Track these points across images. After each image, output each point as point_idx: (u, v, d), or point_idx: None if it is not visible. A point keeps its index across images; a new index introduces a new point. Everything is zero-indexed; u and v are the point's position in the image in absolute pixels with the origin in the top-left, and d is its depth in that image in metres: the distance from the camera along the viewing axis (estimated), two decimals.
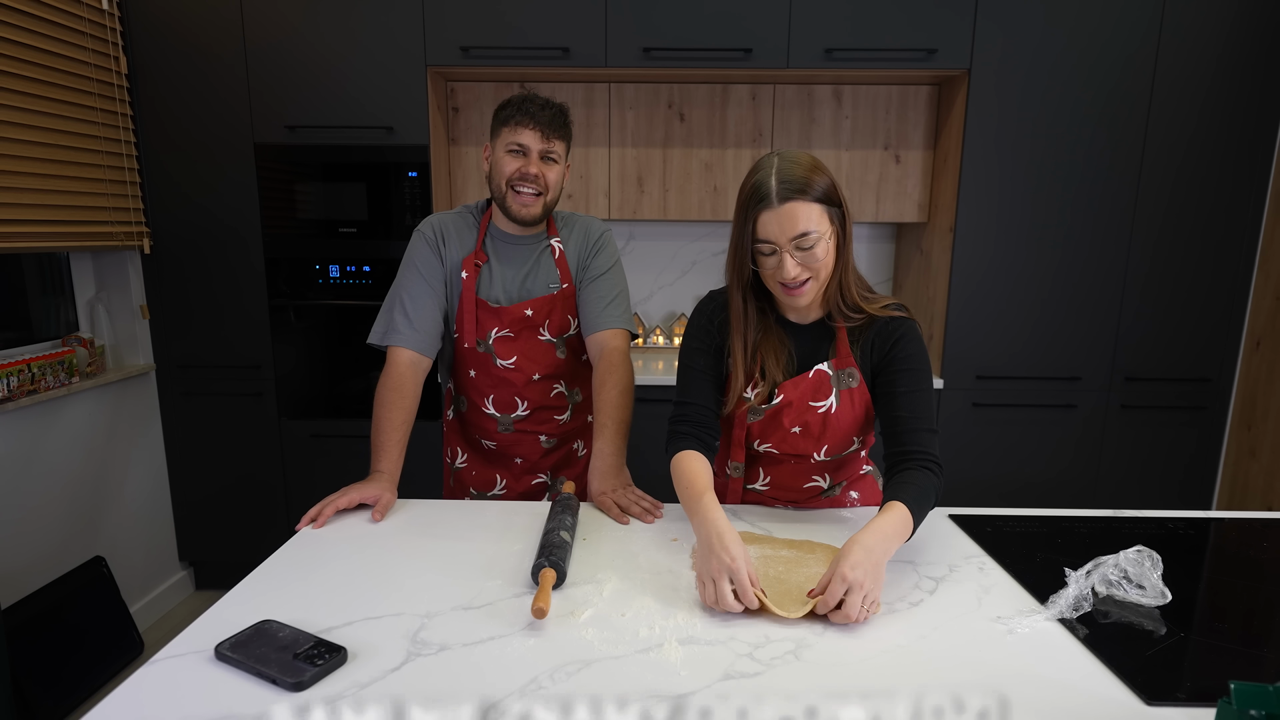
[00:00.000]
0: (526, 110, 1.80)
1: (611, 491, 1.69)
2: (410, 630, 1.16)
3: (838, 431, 1.57)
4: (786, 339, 1.59)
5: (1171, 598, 1.26)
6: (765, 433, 1.61)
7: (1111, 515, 1.69)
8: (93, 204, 2.89)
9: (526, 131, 1.80)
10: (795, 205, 1.40)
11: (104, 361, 3.08)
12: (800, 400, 1.56)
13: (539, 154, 1.82)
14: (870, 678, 1.06)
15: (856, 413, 1.57)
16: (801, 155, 1.45)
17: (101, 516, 3.04)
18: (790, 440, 1.60)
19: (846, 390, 1.55)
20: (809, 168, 1.43)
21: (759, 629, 1.17)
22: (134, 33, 3.02)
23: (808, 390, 1.55)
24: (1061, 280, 3.15)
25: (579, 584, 1.32)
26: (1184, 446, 3.28)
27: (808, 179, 1.41)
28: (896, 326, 1.54)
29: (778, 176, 1.41)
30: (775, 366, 1.57)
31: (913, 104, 3.31)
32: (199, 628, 1.17)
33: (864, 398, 1.56)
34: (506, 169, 1.82)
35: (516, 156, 1.82)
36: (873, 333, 1.55)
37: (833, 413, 1.55)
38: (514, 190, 1.83)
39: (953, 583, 1.35)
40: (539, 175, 1.82)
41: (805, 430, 1.57)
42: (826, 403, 1.55)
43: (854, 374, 1.55)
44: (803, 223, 1.41)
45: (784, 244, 1.42)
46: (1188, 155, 3.05)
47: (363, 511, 1.64)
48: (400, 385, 1.82)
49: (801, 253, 1.42)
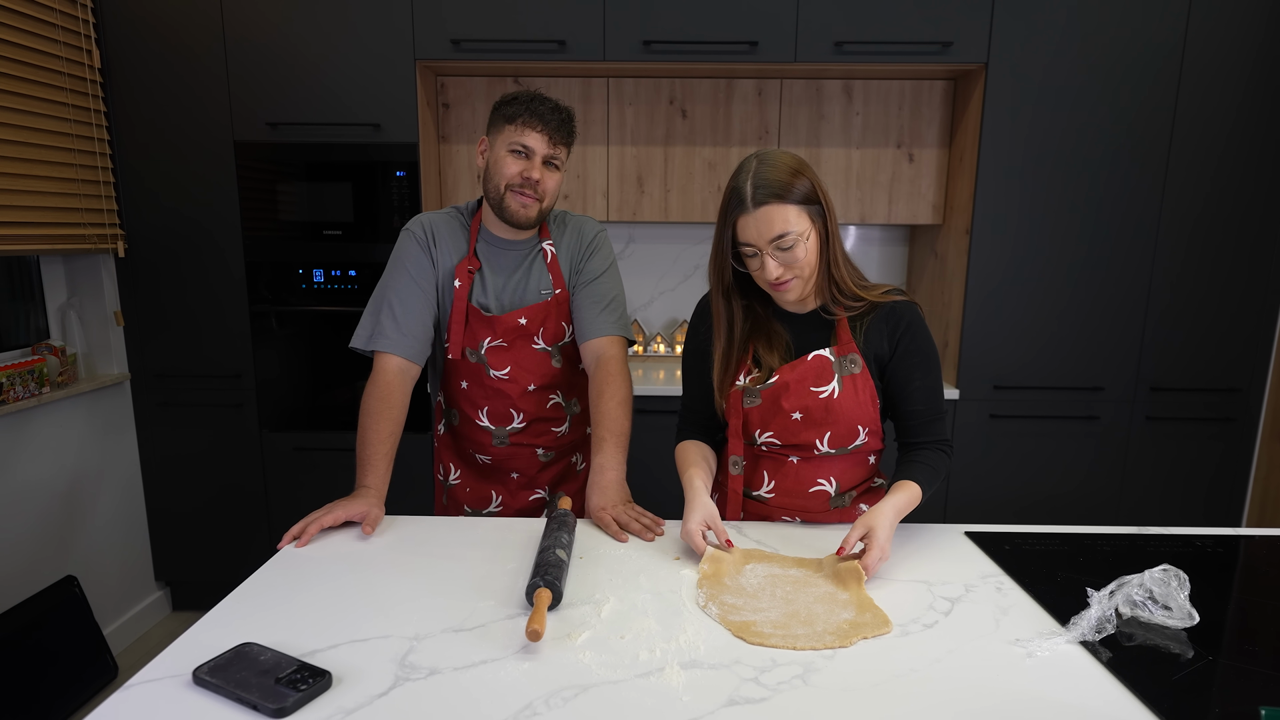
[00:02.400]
0: (536, 111, 1.79)
1: (611, 507, 1.69)
2: (398, 653, 1.16)
3: (841, 418, 1.63)
4: (783, 330, 1.68)
5: (1199, 619, 1.26)
6: (765, 420, 1.67)
7: (1136, 532, 1.69)
8: (64, 204, 2.89)
9: (533, 134, 1.79)
10: (771, 209, 1.50)
11: (76, 370, 3.08)
12: (799, 384, 1.62)
13: (543, 158, 1.82)
14: (882, 704, 1.06)
15: (861, 399, 1.62)
16: (780, 157, 1.54)
17: (73, 534, 3.04)
18: (791, 428, 1.65)
19: (849, 376, 1.62)
20: (786, 170, 1.51)
21: (765, 653, 1.17)
22: (107, 24, 3.03)
23: (808, 374, 1.62)
24: (1083, 285, 3.15)
25: (576, 605, 1.32)
26: (1212, 460, 3.28)
27: (783, 182, 1.50)
28: (901, 313, 1.63)
29: (753, 180, 1.51)
30: (770, 353, 1.67)
31: (927, 100, 3.33)
32: (176, 651, 1.16)
33: (868, 384, 1.63)
34: (508, 170, 1.82)
35: (519, 158, 1.81)
36: (876, 318, 1.64)
37: (835, 398, 1.62)
38: (513, 191, 1.83)
39: (969, 603, 1.35)
40: (540, 181, 1.82)
41: (807, 416, 1.63)
42: (828, 388, 1.61)
43: (856, 360, 1.62)
44: (779, 225, 1.50)
45: (763, 246, 1.52)
46: (1218, 153, 3.06)
47: (348, 529, 1.64)
48: (387, 394, 1.82)
49: (782, 253, 1.52)
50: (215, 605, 1.32)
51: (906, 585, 1.41)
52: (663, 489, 2.05)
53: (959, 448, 3.23)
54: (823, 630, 1.23)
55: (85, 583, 3.00)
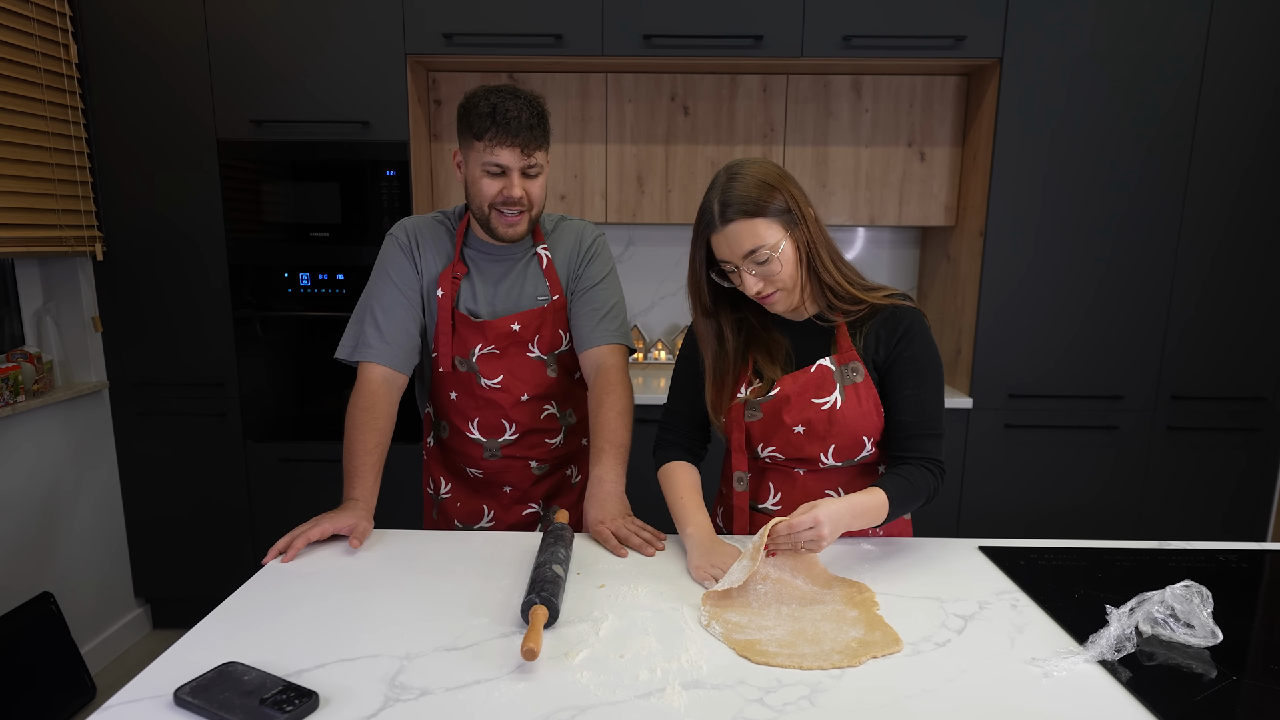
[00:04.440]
0: (501, 124, 1.71)
1: (609, 521, 1.69)
2: (388, 673, 1.16)
3: (845, 430, 1.62)
4: (782, 338, 1.69)
5: (1223, 637, 1.26)
6: (767, 434, 1.67)
7: (1157, 547, 1.70)
8: (40, 205, 2.90)
9: (503, 150, 1.74)
10: (739, 226, 1.51)
11: (52, 378, 3.09)
12: (800, 396, 1.62)
13: (520, 171, 1.78)
14: None
15: (864, 408, 1.62)
16: (751, 170, 1.54)
17: (49, 549, 3.04)
18: (794, 442, 1.65)
19: (851, 386, 1.62)
20: (755, 184, 1.52)
21: (771, 673, 1.17)
22: (85, 18, 3.04)
23: (809, 385, 1.62)
24: (1102, 290, 3.15)
25: (573, 622, 1.33)
26: (1236, 471, 3.28)
27: (751, 196, 1.51)
28: (902, 318, 1.63)
29: (721, 198, 1.53)
30: (771, 364, 1.67)
31: (939, 96, 3.33)
32: (156, 670, 1.17)
33: (871, 393, 1.62)
34: (487, 192, 1.78)
35: (496, 178, 1.78)
36: (876, 324, 1.64)
37: (838, 409, 1.61)
38: (497, 211, 1.81)
39: (983, 621, 1.35)
40: (524, 195, 1.80)
41: (809, 429, 1.63)
42: (830, 399, 1.61)
43: (858, 368, 1.62)
44: (748, 241, 1.52)
45: (738, 262, 1.55)
46: (1243, 152, 3.06)
47: (336, 543, 1.64)
48: (372, 404, 1.82)
49: (759, 266, 1.54)
50: (197, 623, 1.32)
51: (917, 602, 1.41)
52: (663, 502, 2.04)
53: (972, 459, 3.23)
54: (830, 649, 1.23)
55: (62, 599, 2.99)
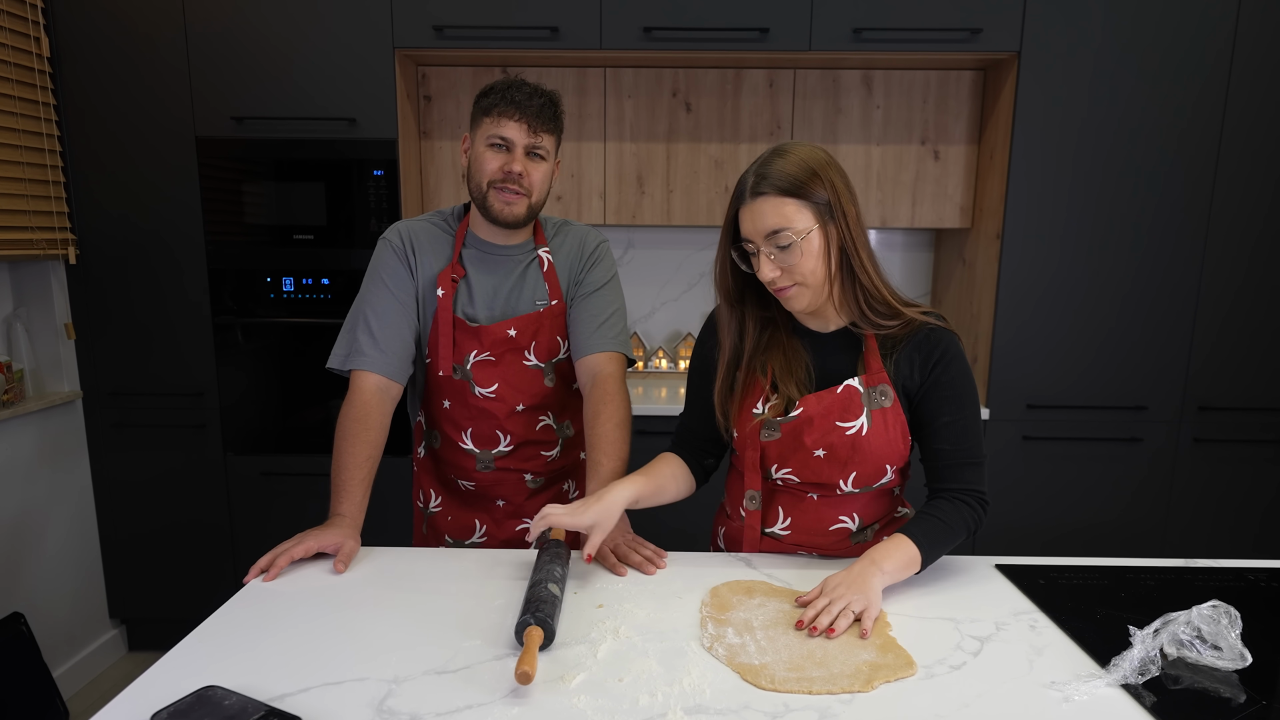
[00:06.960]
0: (511, 99, 1.80)
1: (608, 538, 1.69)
2: (376, 698, 1.16)
3: (869, 457, 1.59)
4: (802, 350, 1.64)
5: (1252, 660, 1.26)
6: (784, 456, 1.63)
7: (1183, 565, 1.70)
8: (9, 207, 2.90)
9: (510, 124, 1.80)
10: (765, 201, 1.48)
11: (23, 388, 3.09)
12: (824, 418, 1.58)
13: (524, 149, 1.82)
14: None
15: (890, 435, 1.58)
16: (799, 150, 1.51)
17: (20, 567, 3.04)
18: (813, 466, 1.61)
19: (879, 410, 1.57)
20: (798, 164, 1.48)
21: (777, 698, 1.17)
22: (57, 10, 3.05)
23: (834, 406, 1.58)
24: (1125, 295, 3.16)
25: (570, 644, 1.33)
26: (1266, 486, 3.28)
27: (789, 174, 1.47)
28: (937, 342, 1.58)
29: (758, 170, 1.50)
30: (788, 378, 1.62)
31: (954, 92, 3.34)
32: (132, 695, 1.17)
33: (899, 419, 1.58)
34: (487, 166, 1.83)
35: (499, 152, 1.82)
36: (909, 346, 1.58)
37: (863, 435, 1.57)
38: (496, 188, 1.84)
39: (1000, 643, 1.35)
40: (523, 174, 1.83)
41: (831, 454, 1.59)
42: (856, 423, 1.57)
43: (887, 391, 1.57)
44: (772, 219, 1.48)
45: (759, 242, 1.51)
46: (1275, 152, 3.07)
47: (321, 561, 1.64)
48: (364, 415, 1.82)
49: (779, 252, 1.50)
50: (175, 645, 1.32)
51: (932, 623, 1.41)
52: (664, 518, 2.04)
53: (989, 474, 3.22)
54: (840, 673, 1.23)
55: (33, 620, 2.98)
